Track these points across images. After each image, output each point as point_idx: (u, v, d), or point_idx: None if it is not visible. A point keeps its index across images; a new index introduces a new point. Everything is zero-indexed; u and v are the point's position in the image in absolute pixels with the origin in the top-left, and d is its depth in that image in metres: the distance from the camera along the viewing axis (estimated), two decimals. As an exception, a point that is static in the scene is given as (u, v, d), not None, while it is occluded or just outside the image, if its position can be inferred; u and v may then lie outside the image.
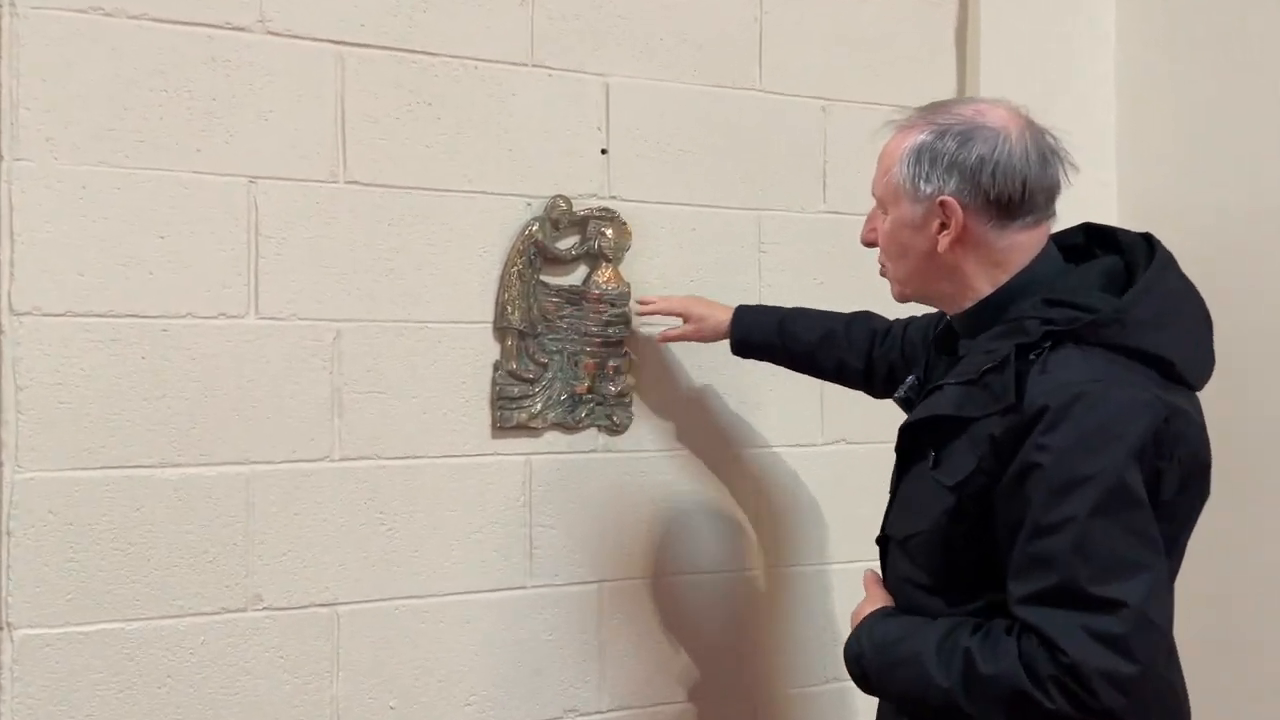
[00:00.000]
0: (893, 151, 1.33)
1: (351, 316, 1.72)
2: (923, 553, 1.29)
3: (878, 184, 1.36)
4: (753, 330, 1.82)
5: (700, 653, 1.96)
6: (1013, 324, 1.26)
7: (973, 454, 1.22)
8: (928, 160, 1.29)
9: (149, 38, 1.60)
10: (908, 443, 1.33)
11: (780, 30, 2.04)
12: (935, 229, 1.29)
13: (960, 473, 1.23)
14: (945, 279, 1.32)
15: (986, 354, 1.25)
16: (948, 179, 1.28)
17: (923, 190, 1.29)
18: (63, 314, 1.56)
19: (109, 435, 1.58)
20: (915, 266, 1.33)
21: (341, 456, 1.71)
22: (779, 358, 1.83)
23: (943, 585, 1.28)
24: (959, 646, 1.20)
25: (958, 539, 1.25)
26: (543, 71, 1.85)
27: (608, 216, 1.88)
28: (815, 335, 1.79)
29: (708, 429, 1.98)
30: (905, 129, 1.33)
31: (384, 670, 1.73)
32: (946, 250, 1.29)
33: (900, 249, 1.34)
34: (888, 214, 1.34)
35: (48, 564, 1.55)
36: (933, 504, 1.26)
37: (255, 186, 1.67)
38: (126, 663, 1.58)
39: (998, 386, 1.21)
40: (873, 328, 1.77)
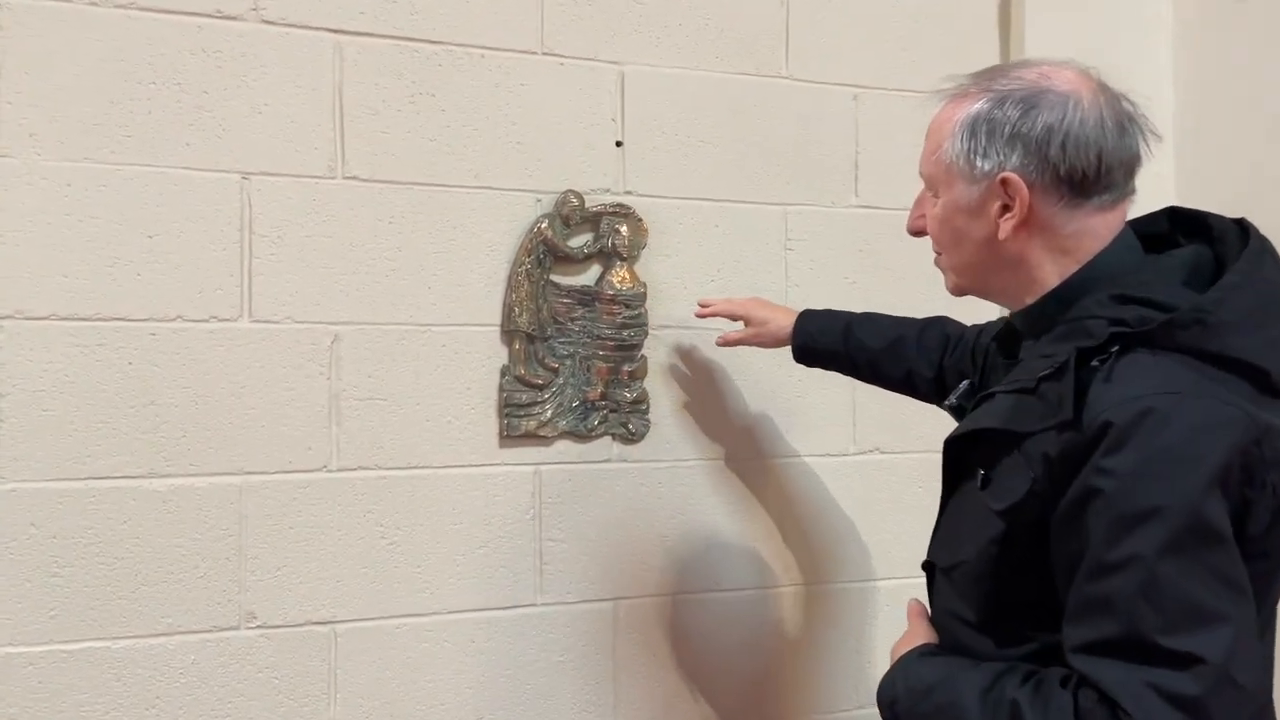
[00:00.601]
0: (943, 124, 1.15)
1: (350, 319, 1.64)
2: (969, 584, 1.13)
3: (925, 162, 1.19)
4: (817, 336, 1.68)
5: (721, 676, 1.86)
6: (1074, 324, 1.09)
7: (1026, 474, 1.06)
8: (985, 132, 1.11)
9: (137, 27, 1.53)
10: (955, 457, 1.18)
11: (808, 13, 1.92)
12: (996, 212, 1.12)
13: (1011, 496, 1.07)
14: (1008, 270, 1.15)
15: (1043, 358, 1.09)
16: (1009, 153, 1.10)
17: (980, 167, 1.12)
18: (46, 317, 1.49)
19: (95, 444, 1.51)
20: (972, 256, 1.16)
21: (340, 467, 1.63)
22: (844, 366, 1.69)
23: (991, 623, 1.12)
24: (1005, 698, 1.05)
25: (1007, 572, 1.09)
26: (553, 60, 1.75)
27: (622, 213, 1.77)
28: (883, 342, 1.64)
29: (730, 437, 1.87)
30: (957, 98, 1.15)
31: (384, 692, 1.65)
32: (1009, 236, 1.12)
33: (954, 236, 1.17)
34: (938, 197, 1.17)
35: (30, 579, 1.48)
36: (980, 530, 1.11)
37: (249, 183, 1.59)
38: (113, 683, 1.51)
39: (1054, 397, 1.05)
40: (946, 333, 1.61)
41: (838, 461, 1.95)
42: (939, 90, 1.18)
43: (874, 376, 1.67)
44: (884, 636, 1.95)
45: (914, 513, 1.94)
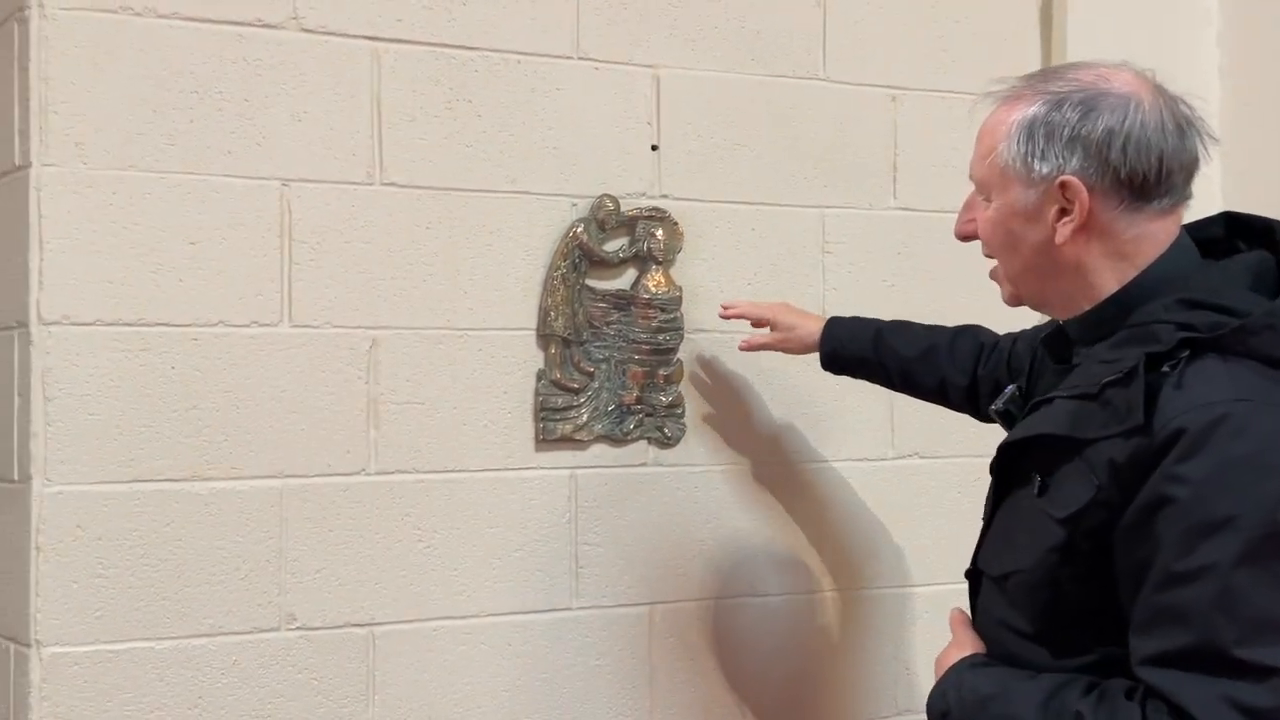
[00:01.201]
0: (997, 127, 1.13)
1: (388, 324, 1.65)
2: (1024, 594, 1.11)
3: (977, 166, 1.17)
4: (846, 343, 1.66)
5: (758, 682, 1.85)
6: (1139, 329, 1.08)
7: (1089, 482, 1.05)
8: (1043, 135, 1.09)
9: (179, 37, 1.56)
10: (1007, 463, 1.16)
11: (846, 14, 1.91)
12: (1053, 216, 1.11)
13: (1073, 504, 1.05)
14: (1066, 276, 1.13)
15: (1107, 364, 1.07)
16: (1069, 156, 1.08)
17: (1038, 170, 1.10)
18: (92, 323, 1.52)
19: (139, 448, 1.54)
20: (1028, 262, 1.14)
21: (378, 470, 1.65)
22: (875, 375, 1.67)
23: (1047, 634, 1.10)
24: (1067, 709, 1.03)
25: (1068, 581, 1.07)
26: (589, 64, 1.76)
27: (658, 216, 1.78)
28: (915, 350, 1.62)
29: (766, 442, 1.86)
30: (1010, 100, 1.13)
31: (421, 694, 1.66)
32: (1067, 241, 1.10)
33: (1009, 242, 1.15)
34: (991, 201, 1.15)
35: (76, 580, 1.51)
36: (1038, 538, 1.09)
37: (288, 189, 1.61)
38: (157, 683, 1.54)
39: (1121, 403, 1.03)
40: (980, 341, 1.60)
41: (876, 466, 1.93)
42: (989, 92, 1.16)
43: (905, 385, 1.65)
44: (922, 643, 1.94)
45: (953, 518, 1.92)
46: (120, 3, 1.53)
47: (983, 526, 1.22)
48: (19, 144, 1.52)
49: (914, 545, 1.94)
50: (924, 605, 1.94)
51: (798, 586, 1.88)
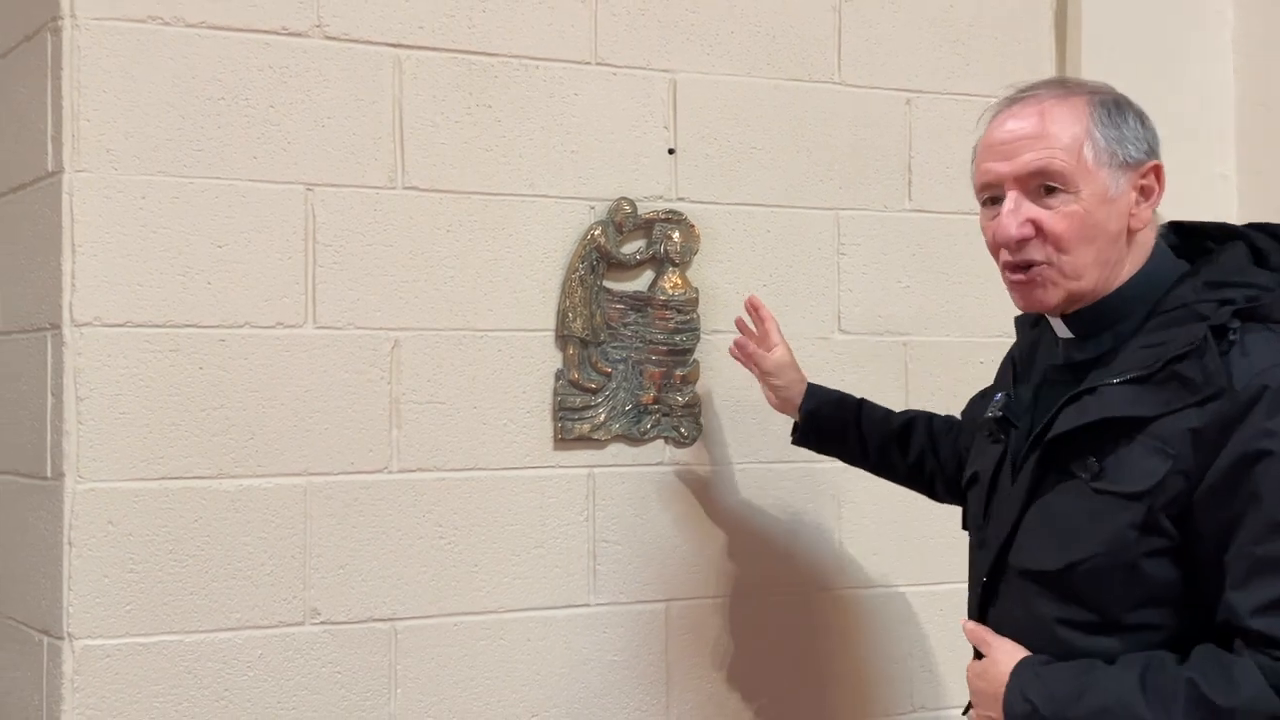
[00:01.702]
0: (1071, 120, 1.15)
1: (410, 325, 1.69)
2: (1092, 581, 1.11)
3: (1053, 158, 1.14)
4: (828, 404, 1.65)
5: (774, 677, 1.87)
6: (1177, 311, 1.13)
7: (1160, 455, 1.08)
8: (1123, 124, 1.15)
9: (206, 46, 1.59)
10: (1046, 458, 1.16)
11: (860, 18, 1.93)
12: (1131, 202, 1.15)
13: (1147, 478, 1.08)
14: (1109, 266, 1.16)
15: (1153, 347, 1.11)
16: (1150, 141, 1.16)
17: (1131, 155, 1.15)
18: (123, 324, 1.56)
19: (168, 446, 1.58)
20: (1101, 253, 1.16)
21: (400, 468, 1.68)
22: (848, 441, 1.64)
23: (1119, 619, 1.11)
24: (1176, 679, 1.04)
25: (1143, 558, 1.09)
26: (606, 70, 1.78)
27: (674, 219, 1.80)
28: (898, 422, 1.62)
29: (780, 441, 1.87)
30: (1058, 97, 1.16)
31: (442, 688, 1.69)
32: (1143, 228, 1.17)
33: (1090, 233, 1.15)
34: (1075, 191, 1.15)
35: (107, 575, 1.55)
36: (1102, 522, 1.10)
37: (313, 194, 1.64)
38: (185, 675, 1.58)
39: (1196, 374, 1.07)
40: (949, 421, 1.63)
41: (890, 465, 1.95)
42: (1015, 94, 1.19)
43: (880, 458, 1.63)
44: (938, 640, 1.95)
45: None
46: (150, 13, 1.57)
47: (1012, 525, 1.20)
48: (52, 150, 1.56)
49: (929, 543, 1.95)
50: (938, 603, 1.96)
51: (813, 583, 1.90)
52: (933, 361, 1.97)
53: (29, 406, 1.63)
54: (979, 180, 1.23)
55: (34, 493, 1.62)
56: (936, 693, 1.96)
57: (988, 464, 1.29)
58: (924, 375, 1.97)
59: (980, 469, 1.31)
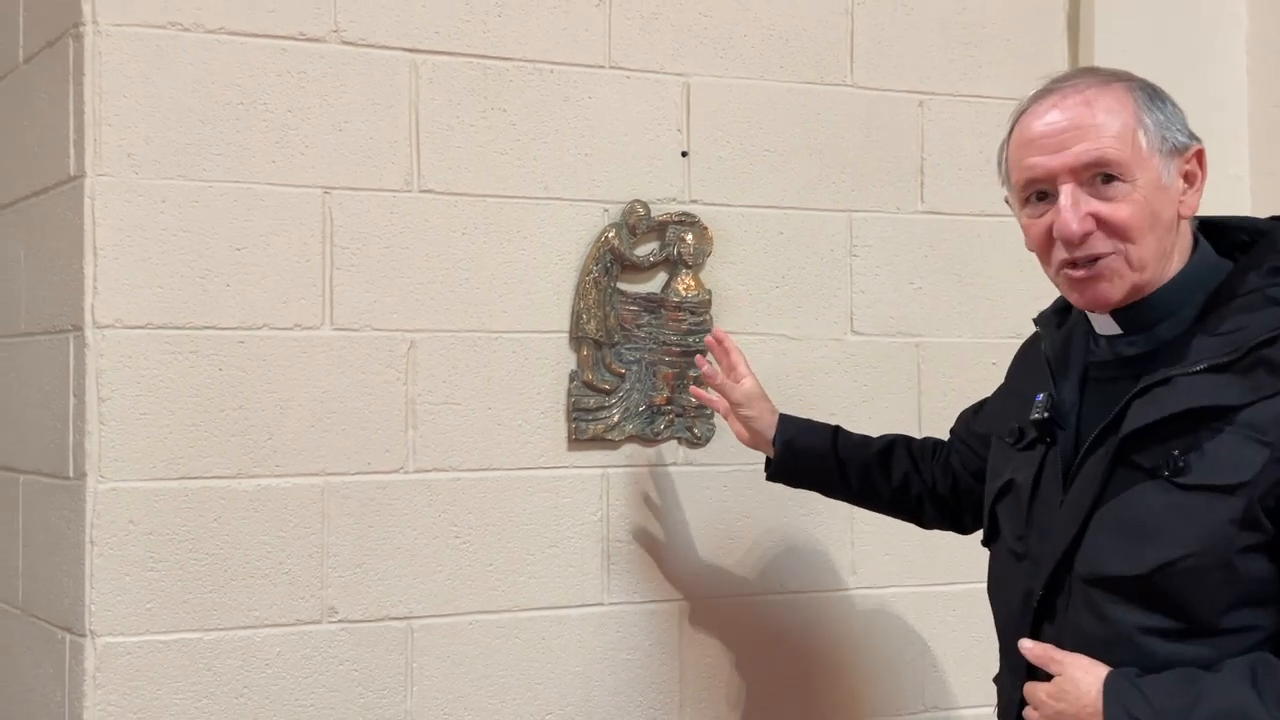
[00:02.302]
0: (1119, 108, 1.12)
1: (425, 327, 1.70)
2: (1183, 583, 1.06)
3: (1109, 147, 1.12)
4: (803, 434, 1.57)
5: (789, 677, 1.88)
6: (1247, 297, 1.11)
7: (1256, 444, 1.04)
8: (1170, 108, 1.14)
9: (225, 52, 1.61)
10: (1118, 457, 1.12)
11: (873, 21, 1.94)
12: (1180, 189, 1.13)
13: (1245, 468, 1.04)
14: (1168, 256, 1.14)
15: (1226, 335, 1.09)
16: (1189, 127, 1.15)
17: (1179, 140, 1.13)
18: (144, 326, 1.58)
19: (188, 446, 1.60)
20: (1160, 242, 1.14)
21: (416, 468, 1.70)
22: (827, 474, 1.57)
23: (1212, 622, 1.06)
24: None
25: (1239, 556, 1.04)
26: (620, 73, 1.80)
27: (688, 221, 1.81)
28: (879, 445, 1.56)
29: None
30: (1101, 84, 1.14)
31: (457, 686, 1.71)
32: (1192, 212, 1.16)
33: (1151, 221, 1.13)
34: (1129, 180, 1.12)
35: (128, 573, 1.57)
36: (1193, 519, 1.06)
37: (330, 197, 1.66)
38: (205, 673, 1.60)
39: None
40: (934, 441, 1.59)
41: (903, 466, 1.95)
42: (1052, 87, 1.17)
43: (862, 485, 1.57)
44: (951, 640, 1.96)
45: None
46: (170, 19, 1.59)
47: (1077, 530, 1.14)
48: (74, 155, 1.58)
49: (943, 543, 1.95)
50: (951, 603, 1.96)
51: (826, 583, 1.91)
52: (945, 363, 1.98)
53: (52, 407, 1.65)
54: (1022, 177, 1.17)
55: (56, 492, 1.64)
56: (949, 693, 1.97)
57: (1026, 471, 1.23)
58: (936, 377, 1.97)
59: (1016, 477, 1.25)
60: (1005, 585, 1.26)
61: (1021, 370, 1.38)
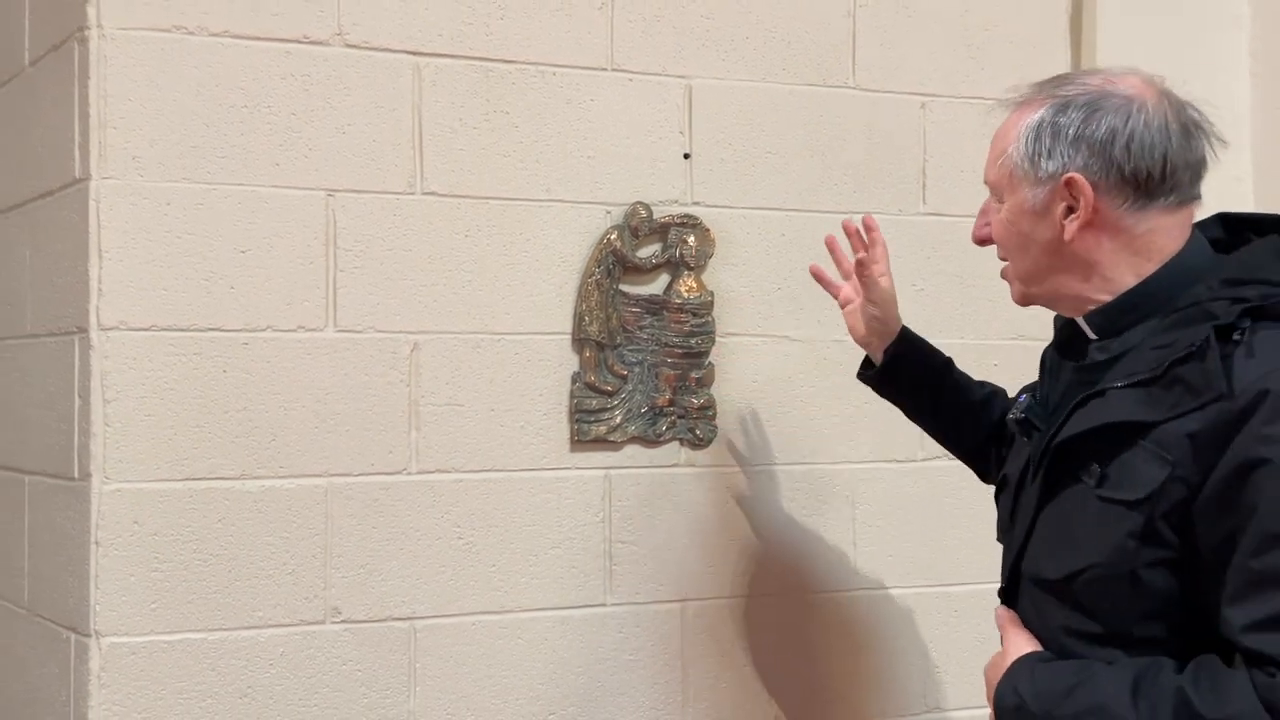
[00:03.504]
0: (1007, 131, 1.19)
1: (429, 329, 1.71)
2: (1096, 591, 1.10)
3: (990, 169, 1.22)
4: (918, 347, 1.56)
5: (790, 678, 1.89)
6: (1187, 311, 1.10)
7: (1159, 462, 1.06)
8: (1049, 135, 1.15)
9: (230, 55, 1.62)
10: (1053, 464, 1.16)
11: (875, 23, 1.94)
12: (1061, 214, 1.15)
13: (1147, 485, 1.06)
14: (1076, 272, 1.17)
15: (1161, 349, 1.10)
16: (1074, 155, 1.13)
17: (1044, 169, 1.15)
18: (148, 328, 1.59)
19: (192, 447, 1.60)
20: (1039, 261, 1.18)
21: (419, 470, 1.70)
22: (921, 395, 1.57)
23: (1121, 631, 1.09)
24: (1165, 687, 1.03)
25: (1144, 569, 1.07)
26: (622, 76, 1.80)
27: (690, 223, 1.82)
28: (978, 396, 1.56)
29: (796, 443, 1.90)
30: (1022, 106, 1.19)
31: (460, 686, 1.72)
32: (1075, 237, 1.15)
33: (1020, 241, 1.19)
34: (1003, 202, 1.20)
35: (133, 574, 1.58)
36: (1106, 530, 1.09)
37: (334, 199, 1.67)
38: (209, 672, 1.61)
39: (1197, 377, 1.05)
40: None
41: (905, 467, 1.96)
42: (1003, 100, 1.22)
43: (951, 423, 1.57)
44: (954, 641, 1.96)
45: (982, 519, 1.91)
46: (175, 22, 1.60)
47: (1021, 533, 1.20)
48: (79, 158, 1.59)
49: (943, 545, 1.96)
50: (953, 604, 1.97)
51: (827, 584, 1.91)
52: (947, 364, 1.98)
53: (57, 409, 1.66)
54: None
55: (62, 493, 1.65)
56: (950, 693, 1.97)
57: (1016, 468, 1.27)
58: (938, 378, 1.98)
59: (1009, 472, 1.30)
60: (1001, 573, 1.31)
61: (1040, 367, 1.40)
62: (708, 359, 1.83)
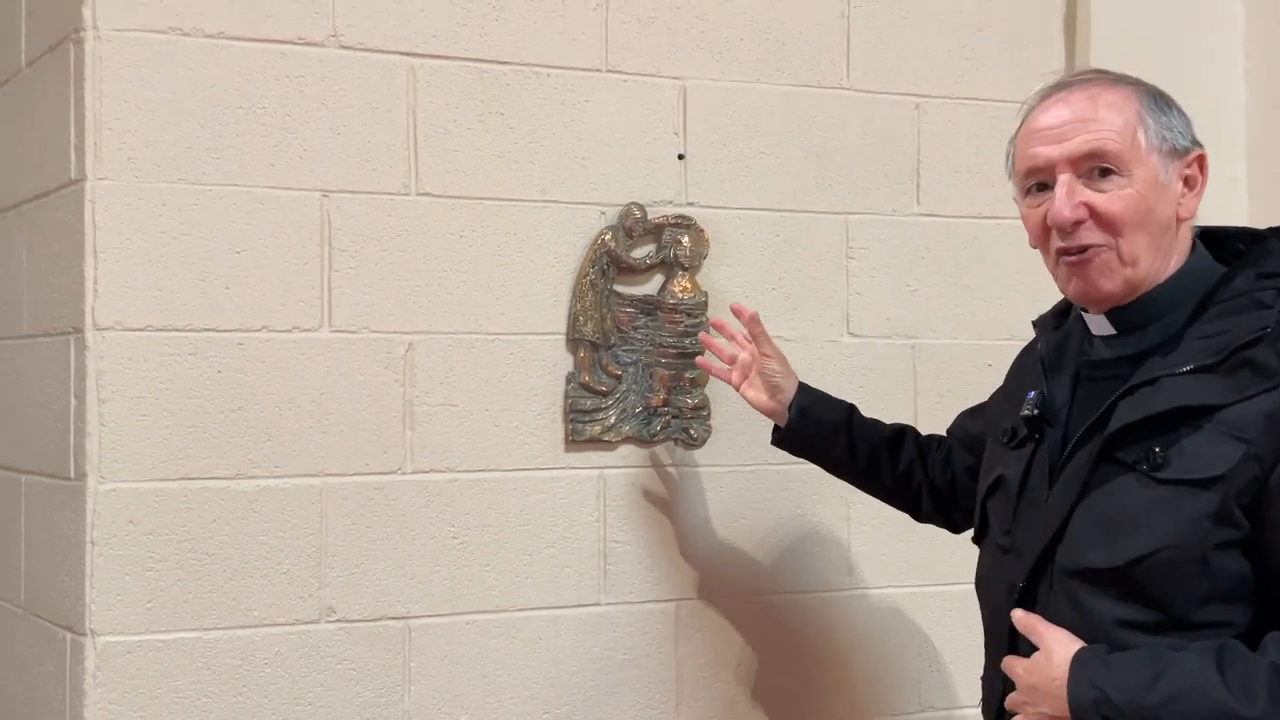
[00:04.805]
0: (1122, 104, 1.16)
1: (423, 329, 1.72)
2: (1159, 576, 1.09)
3: (1107, 140, 1.15)
4: (819, 404, 1.61)
5: (784, 677, 1.89)
6: (1234, 301, 1.13)
7: (1233, 441, 1.07)
8: (1175, 111, 1.18)
9: (225, 56, 1.63)
10: (1101, 453, 1.14)
11: (870, 25, 1.95)
12: (1179, 191, 1.17)
13: (1222, 464, 1.07)
14: (1167, 254, 1.18)
15: (1210, 338, 1.12)
16: (1191, 132, 1.18)
17: (1180, 143, 1.17)
18: (143, 329, 1.60)
19: (187, 447, 1.61)
20: (1153, 240, 1.17)
21: (414, 469, 1.71)
22: (834, 448, 1.60)
23: (1182, 616, 1.08)
24: (1255, 664, 1.03)
25: (1214, 550, 1.07)
26: (617, 77, 1.81)
27: (684, 223, 1.82)
28: (889, 431, 1.60)
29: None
30: (1108, 85, 1.18)
31: (455, 685, 1.72)
32: (1190, 216, 1.18)
33: (1143, 217, 1.16)
34: (1128, 174, 1.16)
35: (129, 573, 1.58)
36: (1169, 513, 1.08)
37: (328, 200, 1.68)
38: (204, 671, 1.61)
39: (1271, 359, 1.08)
40: (938, 436, 1.62)
41: (899, 467, 1.96)
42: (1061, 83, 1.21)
43: (868, 466, 1.60)
44: (948, 640, 1.97)
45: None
46: (170, 23, 1.60)
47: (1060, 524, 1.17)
48: (75, 159, 1.60)
49: (937, 544, 1.96)
50: (947, 603, 1.97)
51: (822, 584, 1.92)
52: (941, 364, 1.99)
53: (52, 409, 1.67)
54: (1024, 166, 1.22)
55: (58, 493, 1.66)
56: (944, 693, 1.98)
57: (1015, 468, 1.26)
58: (932, 378, 1.98)
59: (1005, 474, 1.28)
60: (992, 580, 1.29)
61: (1018, 373, 1.41)
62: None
